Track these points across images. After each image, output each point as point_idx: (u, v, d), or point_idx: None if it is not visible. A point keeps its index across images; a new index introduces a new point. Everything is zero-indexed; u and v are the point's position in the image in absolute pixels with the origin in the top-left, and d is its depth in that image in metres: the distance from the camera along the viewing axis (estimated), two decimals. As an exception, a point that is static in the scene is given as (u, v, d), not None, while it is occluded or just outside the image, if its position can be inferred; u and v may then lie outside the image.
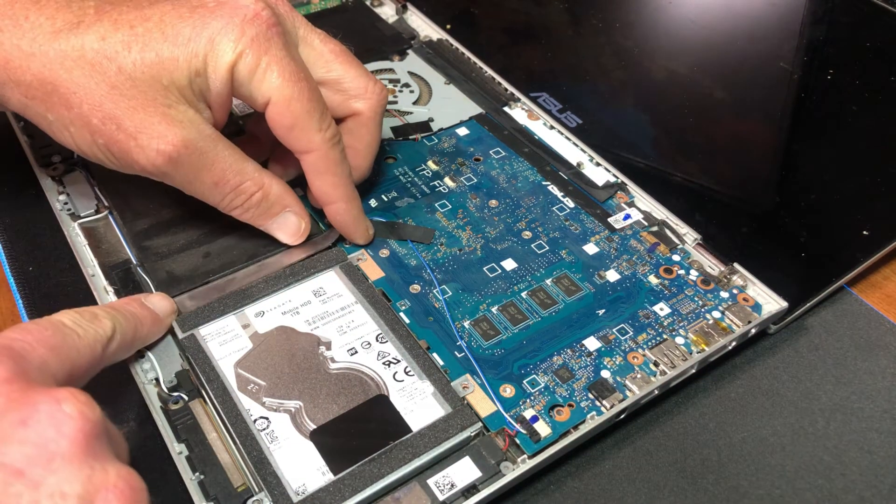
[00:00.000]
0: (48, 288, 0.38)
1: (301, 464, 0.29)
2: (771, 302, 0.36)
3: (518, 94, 0.48)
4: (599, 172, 0.43)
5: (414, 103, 0.48)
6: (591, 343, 0.34)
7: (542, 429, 0.31)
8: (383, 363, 0.33)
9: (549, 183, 0.42)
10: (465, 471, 0.30)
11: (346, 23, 0.54)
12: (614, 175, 0.43)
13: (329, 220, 0.37)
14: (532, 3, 0.58)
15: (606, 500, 0.31)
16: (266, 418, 0.31)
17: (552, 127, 0.46)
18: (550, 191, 0.42)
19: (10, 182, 0.43)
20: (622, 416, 0.32)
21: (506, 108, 0.48)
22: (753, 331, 0.35)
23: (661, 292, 0.37)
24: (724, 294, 0.37)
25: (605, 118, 0.48)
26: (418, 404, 0.31)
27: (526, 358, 0.34)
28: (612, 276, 0.38)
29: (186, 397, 0.32)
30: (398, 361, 0.33)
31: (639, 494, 0.31)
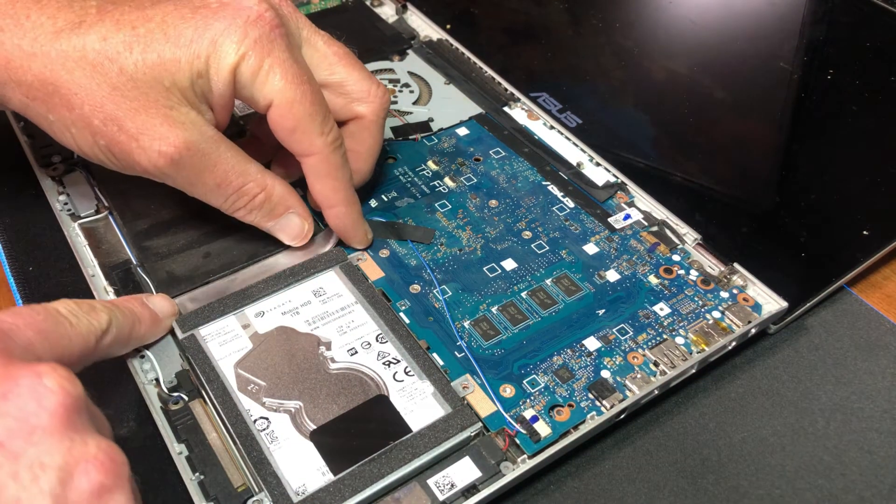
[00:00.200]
0: (48, 288, 0.38)
1: (301, 464, 0.29)
2: (771, 302, 0.36)
3: (518, 94, 0.48)
4: (599, 172, 0.43)
5: (414, 103, 0.48)
6: (591, 343, 0.34)
7: (542, 429, 0.31)
8: (383, 363, 0.33)
9: (549, 183, 0.42)
10: (465, 471, 0.30)
11: (346, 23, 0.54)
12: (614, 175, 0.43)
13: (328, 223, 0.37)
14: (532, 3, 0.58)
15: (606, 500, 0.31)
16: (266, 418, 0.31)
17: (552, 127, 0.46)
18: (550, 191, 0.42)
19: (10, 182, 0.43)
20: (622, 416, 0.32)
21: (506, 108, 0.48)
22: (753, 331, 0.35)
23: (661, 292, 0.37)
24: (724, 294, 0.37)
25: (605, 118, 0.48)
26: (418, 404, 0.31)
27: (526, 358, 0.34)
28: (612, 276, 0.38)
29: (186, 397, 0.32)
30: (398, 361, 0.33)
31: (639, 494, 0.31)
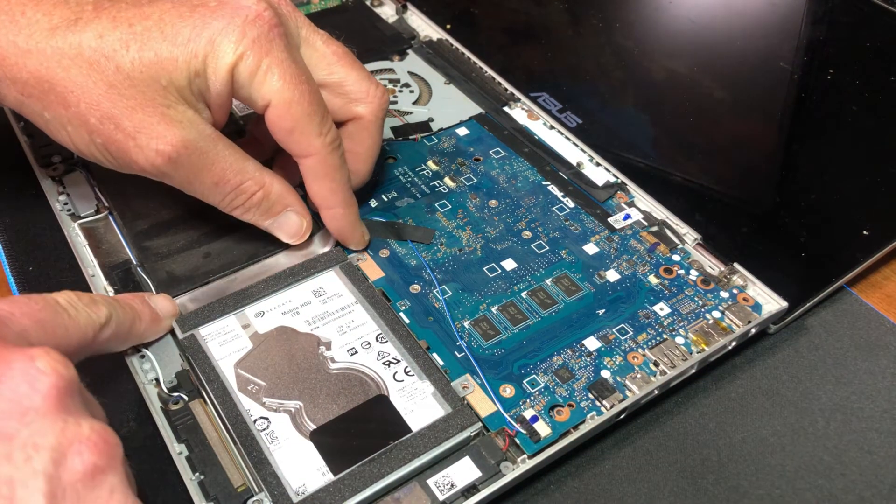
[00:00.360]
0: (48, 288, 0.37)
1: (301, 464, 0.29)
2: (771, 302, 0.36)
3: (518, 94, 0.48)
4: (599, 172, 0.43)
5: (414, 103, 0.48)
6: (591, 343, 0.34)
7: (542, 429, 0.31)
8: (383, 363, 0.33)
9: (549, 183, 0.42)
10: (465, 471, 0.30)
11: (346, 23, 0.54)
12: (614, 175, 0.43)
13: (325, 224, 0.37)
14: (532, 3, 0.58)
15: (606, 500, 0.31)
16: (266, 418, 0.31)
17: (552, 127, 0.46)
18: (550, 191, 0.42)
19: (10, 182, 0.42)
20: (622, 416, 0.32)
21: (506, 108, 0.48)
22: (753, 331, 0.35)
23: (661, 292, 0.37)
24: (724, 294, 0.37)
25: (605, 118, 0.48)
26: (418, 404, 0.31)
27: (526, 358, 0.34)
28: (612, 276, 0.37)
29: (186, 397, 0.32)
30: (398, 361, 0.33)
31: (639, 494, 0.31)
